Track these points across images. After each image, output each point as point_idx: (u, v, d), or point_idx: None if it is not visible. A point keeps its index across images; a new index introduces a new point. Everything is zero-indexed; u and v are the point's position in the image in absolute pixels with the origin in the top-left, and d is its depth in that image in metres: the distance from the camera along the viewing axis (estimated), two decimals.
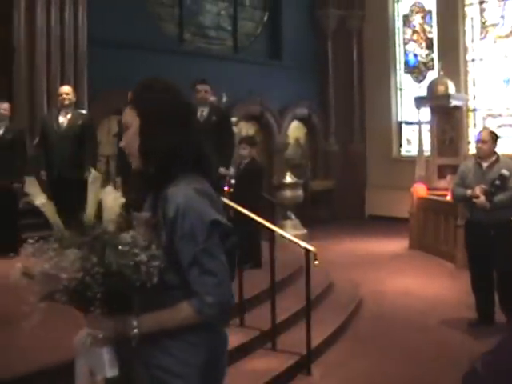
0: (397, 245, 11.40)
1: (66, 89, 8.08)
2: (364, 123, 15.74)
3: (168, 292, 2.08)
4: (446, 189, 9.59)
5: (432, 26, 14.92)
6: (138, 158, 2.19)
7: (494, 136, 6.49)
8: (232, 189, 7.52)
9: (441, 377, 5.25)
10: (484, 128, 8.87)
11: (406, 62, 15.58)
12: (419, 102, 12.29)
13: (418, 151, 12.31)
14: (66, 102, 7.87)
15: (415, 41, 15.45)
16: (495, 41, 13.74)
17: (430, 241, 10.73)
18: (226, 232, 2.09)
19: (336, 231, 13.01)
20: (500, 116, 13.67)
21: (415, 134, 13.68)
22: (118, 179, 7.34)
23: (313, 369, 5.43)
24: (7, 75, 10.12)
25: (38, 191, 2.17)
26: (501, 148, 7.05)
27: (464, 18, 14.05)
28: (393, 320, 7.00)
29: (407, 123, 15.40)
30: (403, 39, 15.61)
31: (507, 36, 13.55)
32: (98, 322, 2.04)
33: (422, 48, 15.28)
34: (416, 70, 15.40)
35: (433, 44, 14.86)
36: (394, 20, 15.61)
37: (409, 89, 15.37)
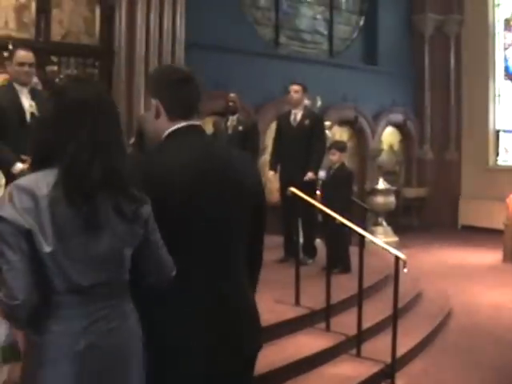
0: (490, 257, 11.08)
1: None
2: (460, 131, 15.36)
3: None
4: None
5: None
6: None
7: None
8: (322, 193, 7.53)
9: None
10: None
11: (506, 68, 15.08)
12: None
13: None
14: None
15: None
16: None
17: None
18: (20, 229, 1.89)
19: (427, 240, 12.76)
20: None
21: None
22: None
23: (397, 378, 5.35)
24: (108, 78, 10.50)
25: None
26: None
27: None
28: (482, 334, 6.81)
29: (505, 131, 14.96)
30: (503, 44, 15.13)
31: None
32: None
33: None
34: None
35: None
36: (494, 24, 15.16)
37: (508, 96, 14.91)
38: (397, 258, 5.25)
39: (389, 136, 14.98)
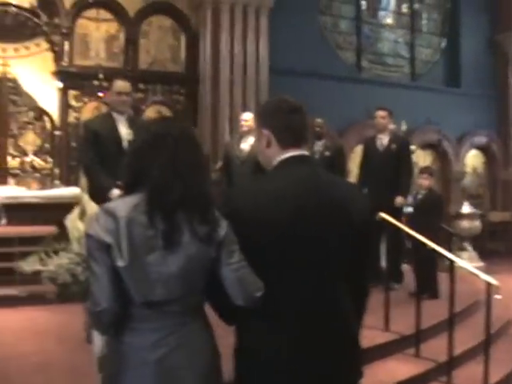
0: None
1: (246, 115, 8.35)
2: None
3: None
4: None
5: None
6: None
7: None
8: (409, 218, 7.49)
9: None
10: None
11: None
12: None
13: None
14: (245, 129, 8.13)
15: None
16: None
17: None
18: (104, 244, 2.13)
19: None
20: None
21: None
22: None
23: None
24: (193, 103, 10.78)
25: None
26: None
27: None
28: None
29: None
30: None
31: None
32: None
33: None
34: None
35: None
36: None
37: None
38: (488, 284, 5.17)
39: (472, 158, 14.73)
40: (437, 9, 14.84)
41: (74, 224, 3.07)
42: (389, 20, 14.28)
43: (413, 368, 5.32)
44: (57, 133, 10.25)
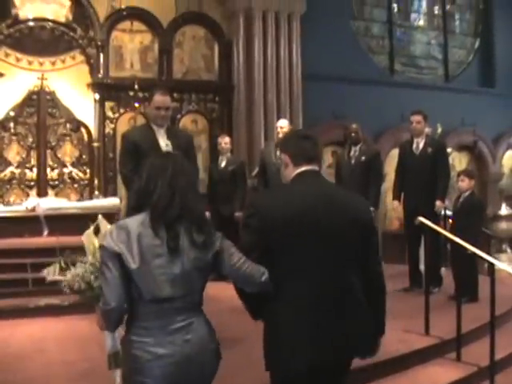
0: None
1: (281, 122, 8.38)
2: None
3: None
4: None
5: None
6: None
7: None
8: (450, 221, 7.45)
9: None
10: None
11: None
12: None
13: None
14: (281, 135, 8.16)
15: None
16: None
17: None
18: (115, 253, 2.60)
19: None
20: None
21: None
22: None
23: None
24: (228, 111, 10.85)
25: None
26: None
27: None
28: None
29: None
30: None
31: None
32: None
33: None
34: None
35: None
36: None
37: None
38: None
39: (509, 159, 14.57)
40: (469, 9, 14.75)
41: (90, 239, 3.52)
42: (421, 22, 14.23)
43: (454, 373, 5.27)
44: (94, 144, 10.40)
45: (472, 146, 13.62)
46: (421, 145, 7.50)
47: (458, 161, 13.11)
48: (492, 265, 5.47)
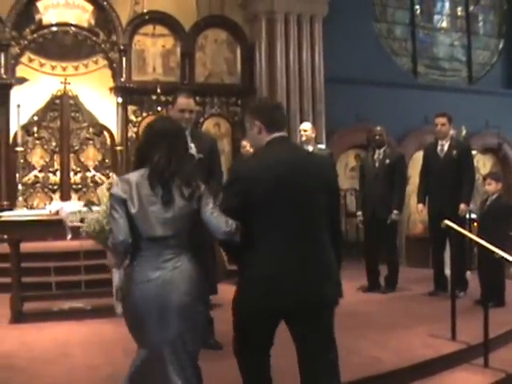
0: None
1: (305, 125, 8.33)
2: None
3: None
4: None
5: None
6: None
7: None
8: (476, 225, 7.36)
9: None
10: None
11: None
12: None
13: None
14: (304, 139, 8.12)
15: None
16: None
17: None
18: (121, 199, 3.20)
19: None
20: None
21: None
22: None
23: None
24: None
25: None
26: None
27: None
28: None
29: None
30: None
31: None
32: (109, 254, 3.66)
33: None
34: None
35: None
36: None
37: None
38: None
39: None
40: (493, 10, 14.62)
41: (103, 192, 4.40)
42: (444, 23, 14.13)
43: (481, 379, 5.19)
44: (117, 148, 10.44)
45: (496, 149, 13.49)
46: (445, 147, 7.42)
47: (483, 163, 12.99)
48: None
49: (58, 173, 10.40)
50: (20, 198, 9.44)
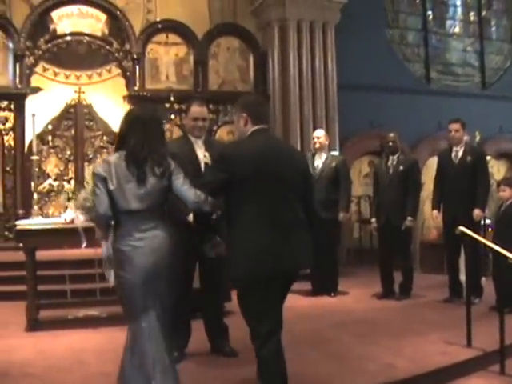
0: None
1: (318, 133, 8.34)
2: None
3: None
4: None
5: None
6: None
7: None
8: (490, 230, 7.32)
9: None
10: None
11: None
12: None
13: None
14: (317, 146, 8.12)
15: None
16: None
17: None
18: (102, 177, 3.75)
19: None
20: None
21: None
22: None
23: None
24: None
25: None
26: None
27: None
28: None
29: None
30: None
31: None
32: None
33: None
34: None
35: None
36: None
37: None
38: None
39: None
40: (505, 14, 14.58)
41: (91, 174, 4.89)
42: (456, 29, 14.10)
43: None
44: None
45: (510, 154, 13.41)
46: (460, 153, 7.40)
47: (497, 169, 12.93)
48: None
49: (73, 181, 10.45)
50: (35, 207, 9.49)
